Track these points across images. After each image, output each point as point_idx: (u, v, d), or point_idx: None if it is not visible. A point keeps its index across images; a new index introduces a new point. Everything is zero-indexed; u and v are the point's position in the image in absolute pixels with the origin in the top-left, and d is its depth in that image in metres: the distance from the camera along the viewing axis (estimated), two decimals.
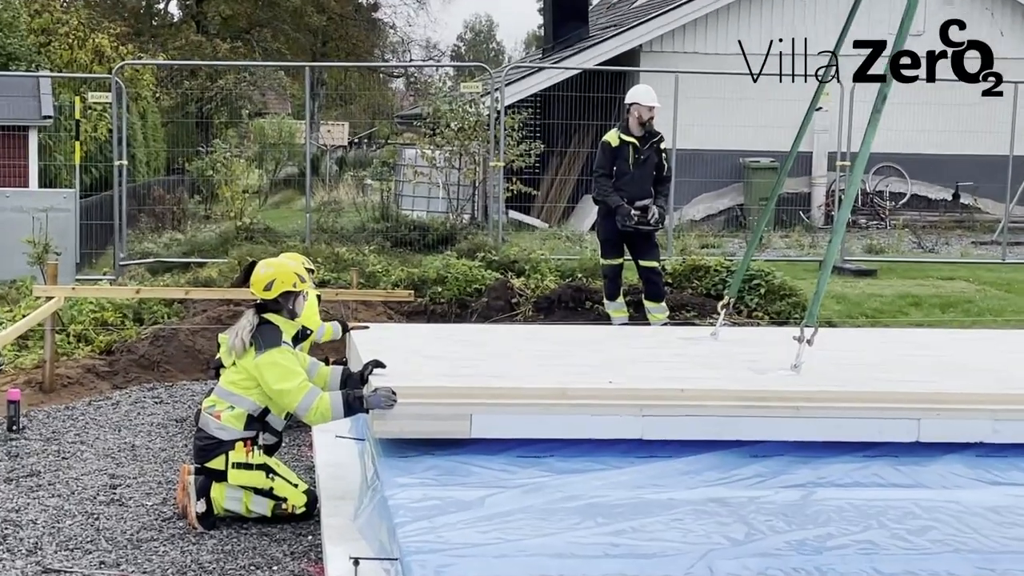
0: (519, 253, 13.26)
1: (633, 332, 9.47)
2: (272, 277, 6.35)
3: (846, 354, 7.85)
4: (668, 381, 6.71)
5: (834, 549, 5.04)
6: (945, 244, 18.90)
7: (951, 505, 5.62)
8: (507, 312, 11.78)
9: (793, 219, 20.50)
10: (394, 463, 5.99)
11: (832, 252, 7.40)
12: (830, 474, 6.07)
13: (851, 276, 15.10)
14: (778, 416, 6.33)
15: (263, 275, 6.36)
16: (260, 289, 6.34)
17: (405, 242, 15.51)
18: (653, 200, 10.30)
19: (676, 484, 5.88)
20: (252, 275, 6.39)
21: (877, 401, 6.42)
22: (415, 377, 6.56)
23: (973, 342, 8.75)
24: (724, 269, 12.57)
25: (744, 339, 8.78)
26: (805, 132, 8.59)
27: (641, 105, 10.14)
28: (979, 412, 6.40)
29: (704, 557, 4.89)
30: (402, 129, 29.16)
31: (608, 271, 10.56)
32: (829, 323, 11.57)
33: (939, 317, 12.43)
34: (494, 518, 5.30)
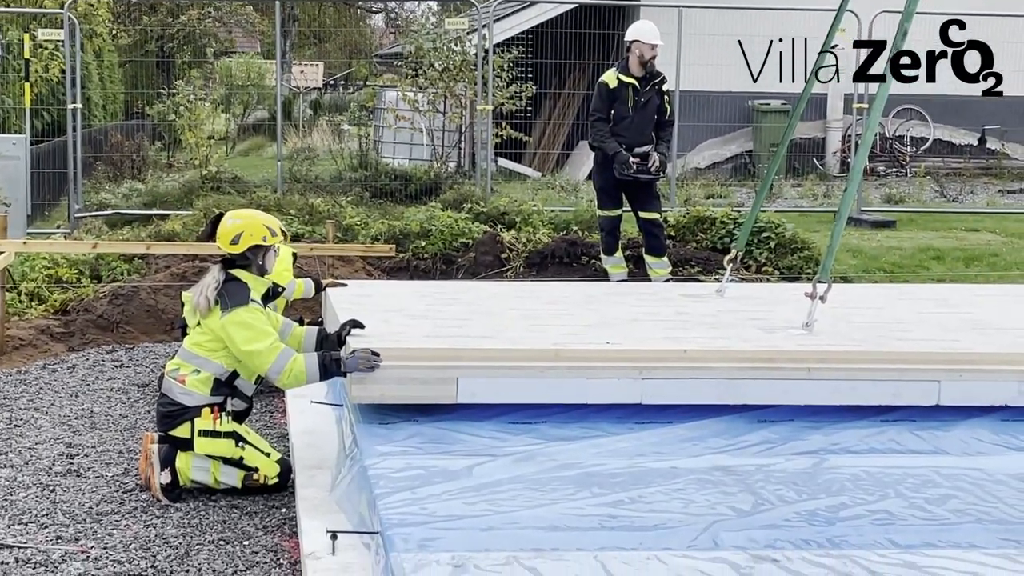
0: (509, 204, 13.25)
1: (633, 289, 9.49)
2: (240, 230, 6.35)
3: (862, 312, 7.88)
4: (670, 342, 6.74)
5: (847, 520, 5.09)
6: (970, 193, 18.93)
7: (974, 472, 5.68)
8: (496, 268, 11.79)
9: (806, 166, 20.49)
10: (374, 430, 6.02)
11: (847, 202, 7.41)
12: (844, 440, 6.13)
13: (868, 228, 15.13)
14: (788, 378, 6.37)
15: (230, 227, 6.36)
16: (227, 243, 6.34)
17: (385, 192, 15.49)
18: (654, 146, 10.28)
19: (678, 452, 5.93)
20: (219, 228, 6.39)
21: (894, 362, 6.46)
22: (396, 338, 6.58)
23: (999, 298, 8.79)
24: (731, 221, 12.58)
25: (752, 296, 8.81)
26: (818, 72, 8.55)
27: (643, 43, 10.10)
28: (1005, 373, 6.45)
29: (708, 529, 4.93)
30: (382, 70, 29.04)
31: (605, 223, 10.56)
32: (844, 278, 11.61)
33: (963, 272, 12.48)
34: (482, 488, 5.35)
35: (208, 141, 16.64)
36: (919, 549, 4.76)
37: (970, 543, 4.85)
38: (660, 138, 10.38)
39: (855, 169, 7.60)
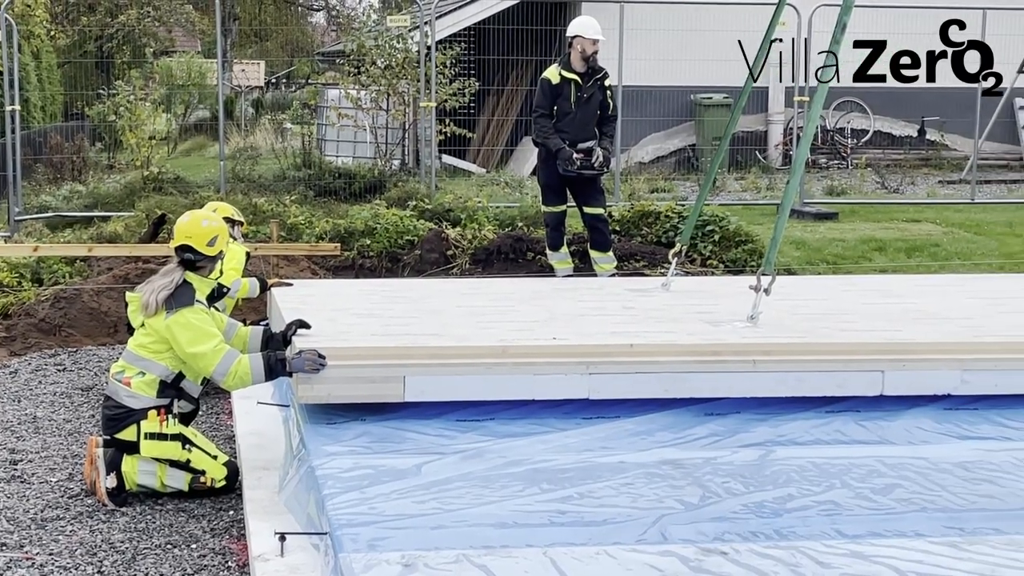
0: (454, 201, 13.24)
1: (578, 284, 9.51)
2: (216, 232, 6.32)
3: (806, 303, 7.94)
4: (616, 336, 6.76)
5: (794, 511, 5.13)
6: (911, 184, 19.14)
7: (918, 461, 5.74)
8: (442, 265, 11.78)
9: (749, 159, 20.64)
10: (322, 430, 6.00)
11: (790, 195, 7.46)
12: (790, 432, 6.17)
13: (811, 220, 15.26)
14: (734, 371, 6.41)
15: (206, 229, 6.30)
16: (204, 244, 6.27)
17: (329, 191, 15.43)
18: (597, 142, 10.32)
19: (626, 446, 5.95)
20: (189, 229, 6.30)
21: (839, 353, 6.51)
22: (342, 337, 6.55)
23: (940, 288, 8.88)
24: (676, 215, 12.64)
25: (697, 289, 8.85)
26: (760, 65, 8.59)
27: (584, 38, 10.13)
28: (947, 362, 6.51)
29: (657, 523, 4.95)
30: (324, 68, 28.89)
31: (550, 219, 10.58)
32: (788, 271, 11.69)
33: (904, 262, 12.61)
34: (431, 487, 5.34)
35: (149, 142, 16.50)
36: (865, 539, 4.81)
37: (915, 532, 4.90)
38: (603, 133, 10.42)
39: (797, 162, 7.66)
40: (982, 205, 17.00)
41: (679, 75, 20.30)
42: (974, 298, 8.28)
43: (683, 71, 20.25)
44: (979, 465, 5.69)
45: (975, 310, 7.74)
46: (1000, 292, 8.62)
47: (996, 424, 6.29)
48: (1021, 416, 6.38)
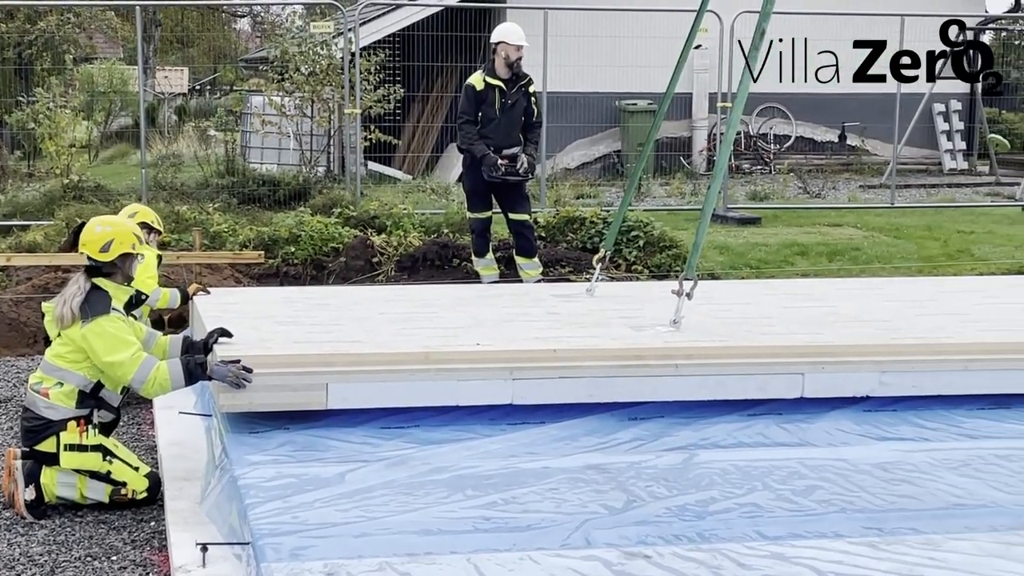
0: (380, 208, 13.19)
1: (504, 290, 9.52)
2: (110, 237, 6.21)
3: (729, 308, 8.00)
4: (540, 342, 6.77)
5: (717, 513, 5.17)
6: (832, 188, 19.36)
7: (838, 463, 5.81)
8: (368, 272, 11.74)
9: (673, 165, 20.77)
10: (244, 439, 5.96)
11: (711, 200, 7.52)
12: (712, 435, 6.22)
13: (735, 225, 15.39)
14: (657, 375, 6.44)
15: (99, 235, 6.22)
16: (96, 251, 6.19)
17: (253, 198, 15.32)
18: (522, 148, 10.35)
19: (550, 451, 5.97)
20: (85, 235, 6.23)
21: (760, 356, 6.57)
22: (265, 345, 6.50)
23: (860, 291, 8.99)
24: (601, 220, 12.69)
25: (622, 295, 8.89)
26: (681, 71, 8.66)
27: (508, 44, 10.16)
28: (866, 364, 6.60)
29: (580, 528, 4.97)
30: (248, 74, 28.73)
31: (476, 225, 10.59)
32: (712, 275, 11.79)
33: (826, 266, 12.75)
34: (355, 495, 5.32)
35: (69, 149, 16.25)
36: (786, 540, 4.86)
37: (835, 532, 4.96)
38: (528, 139, 10.45)
39: (718, 167, 7.72)
40: (902, 209, 17.24)
41: (604, 81, 20.41)
42: (893, 301, 8.39)
43: (608, 77, 20.36)
44: (897, 466, 5.78)
45: (893, 313, 7.85)
46: (918, 295, 8.75)
47: (914, 425, 6.39)
48: (938, 417, 6.49)
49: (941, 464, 5.80)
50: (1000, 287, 9.47)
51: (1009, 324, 7.52)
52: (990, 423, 6.45)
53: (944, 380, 6.64)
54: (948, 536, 4.90)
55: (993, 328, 7.38)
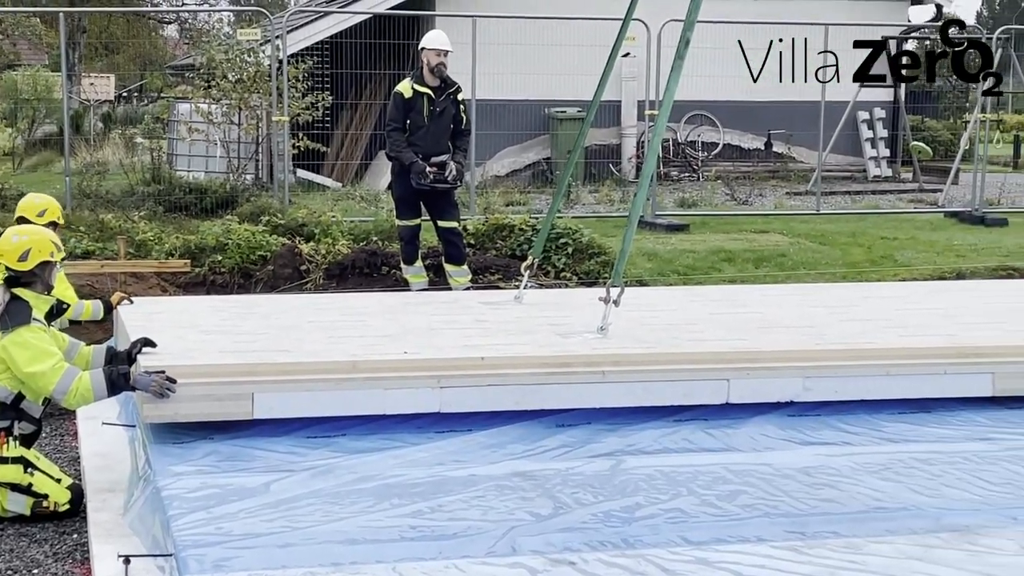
0: (308, 216, 13.11)
1: (432, 298, 9.51)
2: (28, 246, 6.14)
3: (656, 314, 8.05)
4: (468, 349, 6.78)
5: (642, 519, 5.19)
6: (759, 195, 19.53)
7: (762, 468, 5.86)
8: (296, 280, 11.66)
9: (603, 172, 20.86)
10: (168, 450, 5.90)
11: (637, 207, 7.56)
12: (639, 441, 6.25)
13: (663, 232, 15.46)
14: (584, 382, 6.47)
15: (16, 244, 6.14)
16: (14, 260, 6.12)
17: (180, 206, 15.16)
18: (451, 155, 10.35)
19: (478, 459, 5.97)
20: (1, 245, 6.16)
21: (686, 362, 6.62)
22: (190, 355, 6.45)
23: (785, 297, 9.08)
24: (529, 228, 12.70)
25: (550, 302, 8.92)
26: (608, 79, 8.71)
27: (429, 50, 10.16)
28: (790, 370, 6.67)
29: (507, 535, 4.98)
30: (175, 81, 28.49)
31: (405, 233, 10.58)
32: (640, 282, 11.84)
33: (753, 272, 12.85)
34: (280, 505, 5.29)
35: None
36: (710, 545, 4.89)
37: (758, 537, 5.00)
38: (457, 147, 10.45)
39: (644, 174, 7.76)
40: (827, 216, 17.42)
41: (534, 89, 20.46)
42: (817, 307, 8.49)
43: (538, 85, 20.41)
44: (820, 470, 5.84)
45: (817, 319, 7.94)
46: (842, 300, 8.86)
47: (837, 429, 6.46)
48: (861, 421, 6.57)
49: (863, 468, 5.87)
50: (921, 293, 9.61)
51: (930, 329, 7.64)
52: (911, 427, 6.54)
53: (866, 385, 6.73)
54: (869, 539, 4.96)
55: (914, 333, 7.48)
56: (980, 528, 5.13)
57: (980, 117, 18.13)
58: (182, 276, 11.33)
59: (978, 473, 5.83)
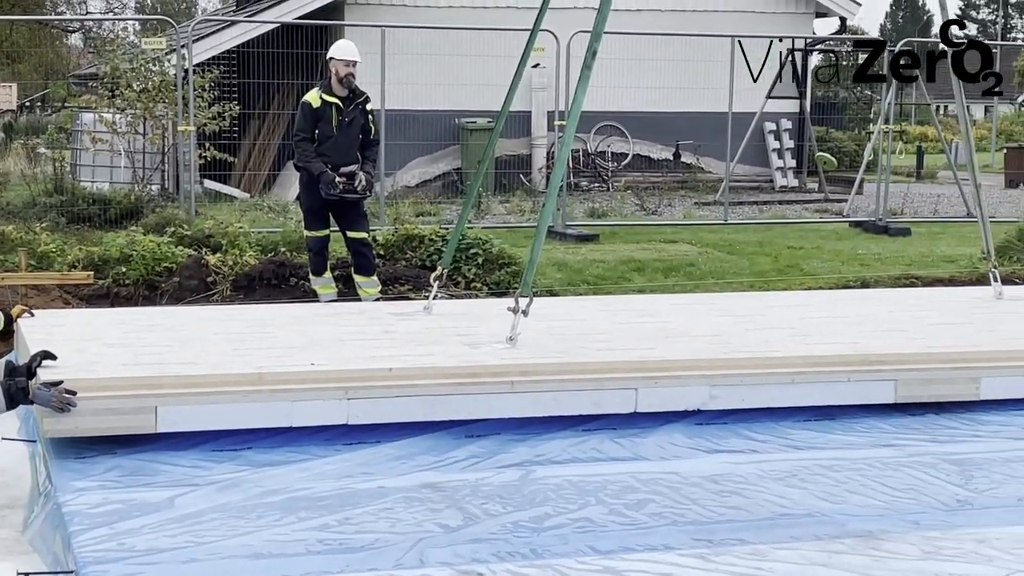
0: (215, 227, 12.98)
1: (341, 309, 9.45)
2: None
3: (565, 324, 8.07)
4: (376, 360, 6.75)
5: (551, 529, 5.20)
6: (668, 206, 19.71)
7: (670, 476, 5.90)
8: (202, 292, 11.53)
9: (513, 183, 20.92)
10: (69, 465, 5.80)
11: (545, 217, 7.59)
12: (548, 451, 6.26)
13: (573, 242, 15.54)
14: (493, 392, 6.47)
15: None
16: None
17: (83, 218, 14.95)
18: (360, 166, 10.31)
19: (386, 471, 5.95)
20: None
21: (594, 372, 6.64)
22: (91, 368, 6.35)
23: (693, 307, 9.15)
24: (440, 238, 12.68)
25: (460, 312, 8.91)
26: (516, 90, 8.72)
27: (337, 60, 10.13)
28: (697, 379, 6.72)
29: (415, 547, 4.96)
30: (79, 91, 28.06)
31: (313, 244, 10.52)
32: (551, 292, 11.87)
33: (662, 282, 12.95)
34: (184, 520, 5.22)
35: None
36: (618, 554, 4.91)
37: (665, 545, 5.03)
38: (366, 157, 10.42)
39: (552, 185, 7.80)
40: (735, 226, 17.62)
41: (444, 99, 20.48)
42: (725, 316, 8.56)
43: (448, 95, 20.43)
44: (727, 478, 5.89)
45: (725, 327, 8.01)
46: (748, 309, 8.94)
47: (743, 437, 6.53)
48: (767, 429, 6.64)
49: (769, 475, 5.93)
50: (826, 301, 9.75)
51: (834, 337, 7.74)
52: (816, 434, 6.63)
53: (772, 393, 6.81)
54: (774, 546, 5.01)
55: (819, 341, 7.58)
56: (883, 533, 5.21)
57: (884, 128, 18.46)
58: (85, 288, 11.16)
59: (881, 479, 5.92)
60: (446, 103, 20.59)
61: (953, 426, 6.83)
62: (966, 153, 10.63)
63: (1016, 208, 19.88)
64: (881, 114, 18.87)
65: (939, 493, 5.75)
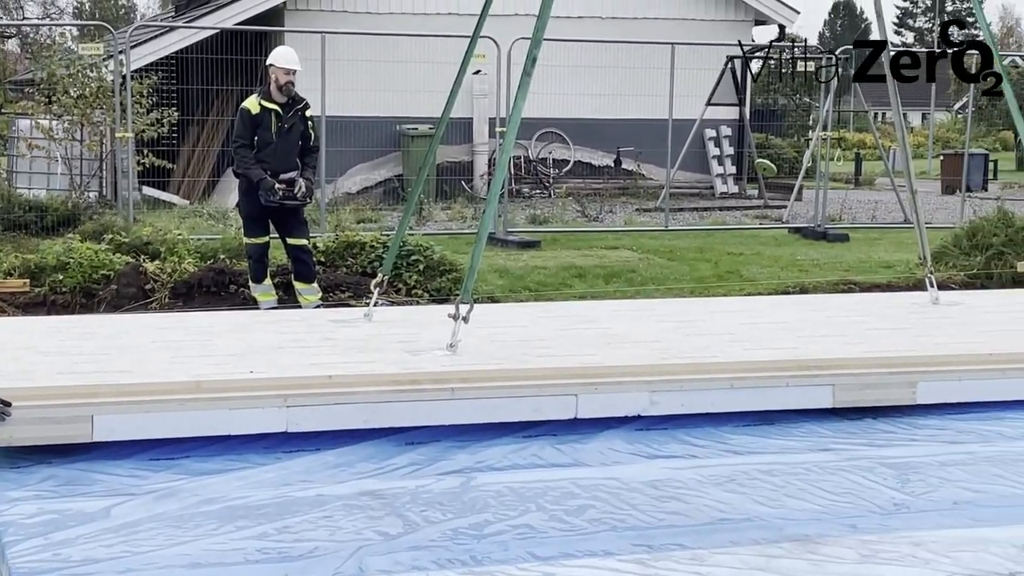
0: (153, 234, 12.89)
1: (280, 316, 9.41)
2: None
3: (506, 330, 8.07)
4: (315, 368, 6.71)
5: (491, 536, 5.19)
6: (609, 212, 19.80)
7: (610, 482, 5.90)
8: (140, 300, 11.45)
9: (455, 189, 20.93)
10: (4, 475, 5.72)
11: (486, 224, 7.59)
12: (488, 458, 6.25)
13: (515, 248, 15.57)
14: (433, 399, 6.45)
15: None
16: None
17: (19, 225, 14.80)
18: (300, 172, 10.29)
19: (325, 479, 5.91)
20: None
21: (534, 378, 6.64)
22: (26, 376, 6.27)
23: (634, 313, 9.18)
24: (381, 245, 12.67)
25: (400, 319, 8.88)
26: (457, 96, 8.73)
27: (278, 68, 10.10)
28: (637, 384, 6.73)
29: (354, 555, 4.92)
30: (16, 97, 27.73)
31: (253, 251, 10.48)
32: (492, 299, 11.89)
33: (603, 288, 13.00)
34: (121, 529, 5.16)
35: None
36: (557, 560, 4.90)
37: (605, 551, 5.02)
38: (306, 164, 10.40)
39: (492, 191, 7.80)
40: (675, 232, 17.73)
41: (385, 106, 20.45)
42: (665, 321, 8.60)
43: (389, 102, 20.41)
44: (667, 483, 5.90)
45: (664, 333, 8.05)
46: (688, 315, 8.99)
47: (683, 443, 6.54)
48: (706, 434, 6.66)
49: (708, 480, 5.95)
50: (765, 307, 9.81)
51: (773, 343, 7.79)
52: (754, 439, 6.66)
53: (711, 398, 6.83)
54: (713, 550, 5.03)
55: (758, 347, 7.63)
56: (821, 537, 5.23)
57: (822, 135, 18.65)
58: (21, 296, 11.05)
59: (819, 483, 5.95)
60: (387, 110, 20.57)
61: (890, 430, 6.89)
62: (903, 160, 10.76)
63: (952, 214, 20.14)
64: (820, 121, 19.06)
65: (876, 497, 5.79)
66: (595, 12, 22.01)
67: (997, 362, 7.41)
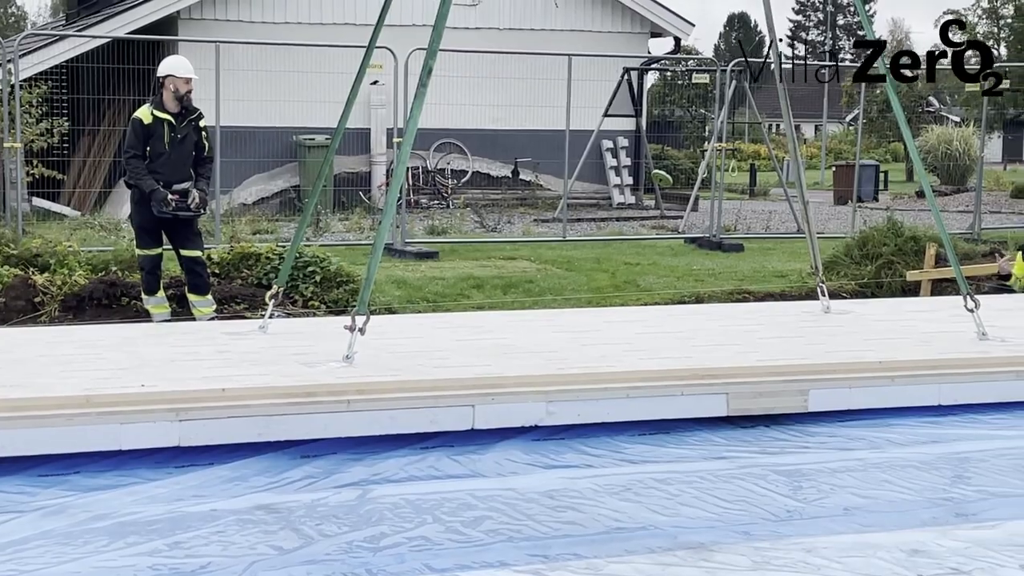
0: (43, 246, 12.63)
1: (173, 329, 9.29)
2: None
3: (403, 341, 8.06)
4: (209, 381, 6.64)
5: (387, 548, 5.18)
6: (508, 223, 19.84)
7: (507, 493, 5.92)
8: (29, 313, 11.20)
9: (353, 200, 20.83)
10: None
11: (382, 234, 7.58)
12: (385, 470, 6.24)
13: (412, 259, 15.52)
14: (329, 411, 6.42)
15: None
16: None
17: None
18: (194, 183, 10.15)
19: (219, 493, 5.85)
20: None
21: (430, 389, 6.64)
22: None
23: (530, 323, 9.22)
24: (277, 256, 12.54)
25: (296, 331, 8.82)
26: (353, 107, 8.70)
27: (177, 78, 9.95)
28: (533, 395, 6.76)
29: (247, 570, 4.89)
30: None
31: (146, 263, 10.30)
32: (390, 309, 11.84)
33: (501, 299, 13.01)
34: (8, 547, 5.07)
35: None
36: (453, 572, 4.91)
37: (501, 562, 5.04)
38: (199, 174, 10.25)
39: (388, 202, 7.78)
40: (573, 242, 17.81)
41: (281, 116, 20.31)
42: (562, 332, 8.65)
43: (285, 112, 20.27)
44: (563, 493, 5.93)
45: (562, 343, 8.09)
46: (585, 325, 9.05)
47: (580, 452, 6.58)
48: (602, 444, 6.71)
49: (604, 489, 5.99)
50: (661, 316, 9.91)
51: (668, 352, 7.87)
52: (650, 448, 6.72)
53: (607, 408, 6.88)
54: (609, 560, 5.06)
55: (653, 356, 7.70)
56: (715, 544, 5.30)
57: (717, 146, 18.88)
58: None
59: (713, 491, 6.02)
60: (284, 120, 20.43)
61: (783, 438, 7.00)
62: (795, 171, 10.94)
63: (844, 224, 20.49)
64: (714, 133, 19.30)
65: (769, 504, 5.87)
66: (493, 24, 22.10)
67: (886, 370, 7.56)
